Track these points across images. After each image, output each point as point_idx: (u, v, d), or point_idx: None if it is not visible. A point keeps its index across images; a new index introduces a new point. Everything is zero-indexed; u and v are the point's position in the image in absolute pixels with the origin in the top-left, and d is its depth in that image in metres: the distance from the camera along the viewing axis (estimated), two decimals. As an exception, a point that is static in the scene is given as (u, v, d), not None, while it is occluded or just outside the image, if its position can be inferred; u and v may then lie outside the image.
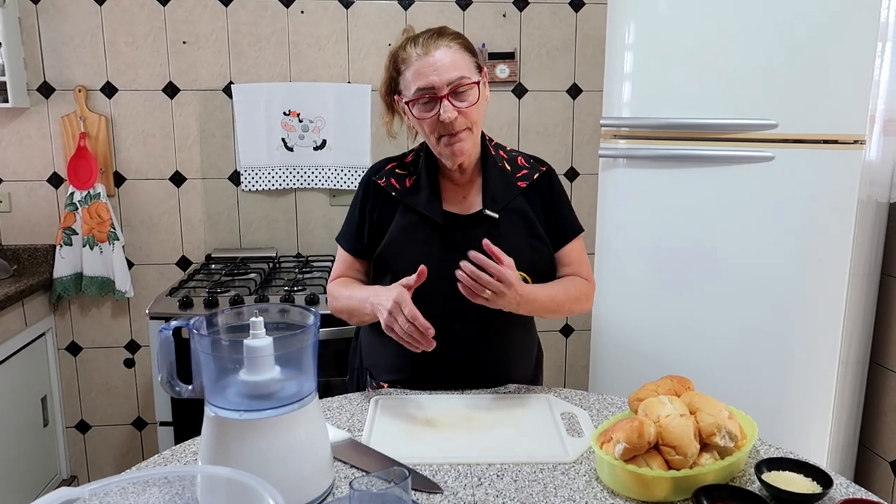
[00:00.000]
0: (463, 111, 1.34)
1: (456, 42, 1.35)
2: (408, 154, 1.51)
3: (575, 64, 2.66)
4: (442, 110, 1.32)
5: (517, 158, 1.51)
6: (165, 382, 1.02)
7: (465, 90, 1.34)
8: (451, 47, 1.34)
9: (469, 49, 1.38)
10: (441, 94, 1.32)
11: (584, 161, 2.73)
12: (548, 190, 1.49)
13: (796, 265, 1.83)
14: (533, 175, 1.48)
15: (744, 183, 1.84)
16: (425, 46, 1.33)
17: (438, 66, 1.32)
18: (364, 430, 1.23)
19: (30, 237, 2.59)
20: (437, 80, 1.31)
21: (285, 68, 2.57)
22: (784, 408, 1.89)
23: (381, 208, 1.46)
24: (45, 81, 2.49)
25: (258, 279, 2.32)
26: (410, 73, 1.34)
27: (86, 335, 2.68)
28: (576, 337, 2.87)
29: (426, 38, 1.35)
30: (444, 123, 1.33)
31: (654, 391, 1.12)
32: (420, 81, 1.33)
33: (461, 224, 1.43)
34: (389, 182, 1.45)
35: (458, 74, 1.32)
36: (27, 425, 2.46)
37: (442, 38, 1.34)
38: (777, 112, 1.78)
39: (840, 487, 1.03)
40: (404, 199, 1.43)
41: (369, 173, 1.50)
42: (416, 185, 1.44)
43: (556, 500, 1.00)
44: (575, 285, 1.46)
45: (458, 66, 1.33)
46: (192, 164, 2.60)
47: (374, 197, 1.47)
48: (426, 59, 1.32)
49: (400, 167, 1.48)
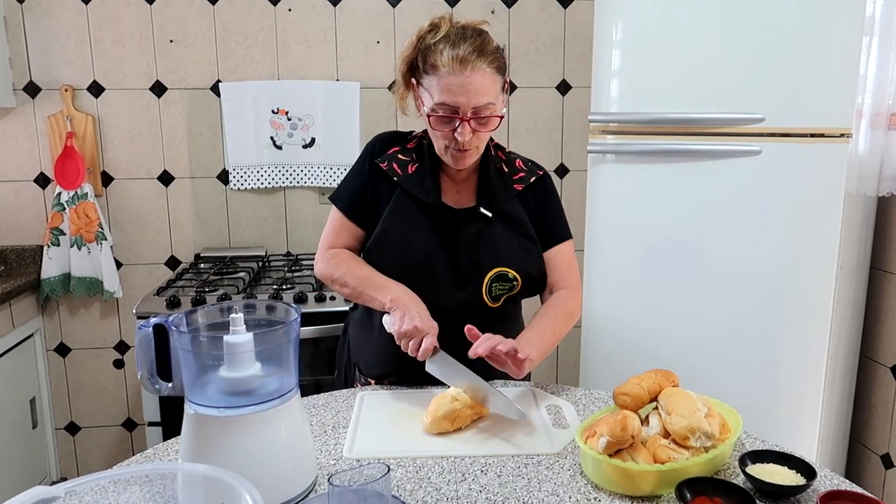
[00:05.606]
0: (478, 134, 1.32)
1: (492, 66, 1.29)
2: (411, 139, 1.49)
3: (564, 60, 2.66)
4: (460, 131, 1.30)
5: (515, 161, 1.51)
6: (146, 379, 1.01)
7: (487, 115, 1.31)
8: (486, 72, 1.28)
9: (501, 70, 1.33)
10: (464, 116, 1.29)
11: (574, 158, 2.73)
12: (541, 193, 1.48)
13: (784, 259, 1.83)
14: (529, 178, 1.47)
15: (731, 177, 1.84)
16: (462, 64, 1.26)
17: (469, 89, 1.27)
18: (349, 426, 1.22)
19: (17, 238, 2.57)
20: (465, 102, 1.27)
21: (273, 66, 2.56)
22: (773, 401, 1.89)
23: (379, 181, 1.45)
24: (31, 81, 2.48)
25: (247, 278, 2.31)
26: (438, 82, 1.29)
27: (74, 336, 2.66)
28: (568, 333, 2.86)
29: (466, 52, 1.27)
30: (457, 140, 1.31)
31: (639, 385, 1.12)
32: (446, 97, 1.28)
33: (454, 217, 1.42)
34: (391, 167, 1.44)
35: (486, 101, 1.28)
36: (16, 427, 2.44)
37: (481, 59, 1.27)
38: (764, 106, 1.78)
39: (825, 479, 1.03)
40: (405, 186, 1.42)
41: (375, 144, 1.47)
42: (418, 174, 1.43)
43: (541, 494, 1.00)
44: (564, 310, 1.42)
45: (488, 93, 1.29)
46: (180, 164, 2.59)
47: (374, 172, 1.45)
48: (459, 77, 1.26)
49: (403, 152, 1.46)
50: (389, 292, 1.33)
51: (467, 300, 1.40)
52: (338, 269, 1.42)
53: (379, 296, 1.34)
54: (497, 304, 1.43)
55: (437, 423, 1.17)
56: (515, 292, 1.44)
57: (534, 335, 1.35)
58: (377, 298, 1.35)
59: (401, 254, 1.40)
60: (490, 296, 1.41)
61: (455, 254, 1.40)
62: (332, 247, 1.48)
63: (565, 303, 1.44)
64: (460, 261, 1.40)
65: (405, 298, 1.31)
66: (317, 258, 1.49)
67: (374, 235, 1.42)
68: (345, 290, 1.43)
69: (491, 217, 1.41)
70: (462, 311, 1.40)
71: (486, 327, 1.42)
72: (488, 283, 1.40)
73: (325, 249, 1.48)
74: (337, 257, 1.45)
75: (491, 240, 1.41)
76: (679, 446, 1.03)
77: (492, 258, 1.40)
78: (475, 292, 1.40)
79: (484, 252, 1.40)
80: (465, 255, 1.40)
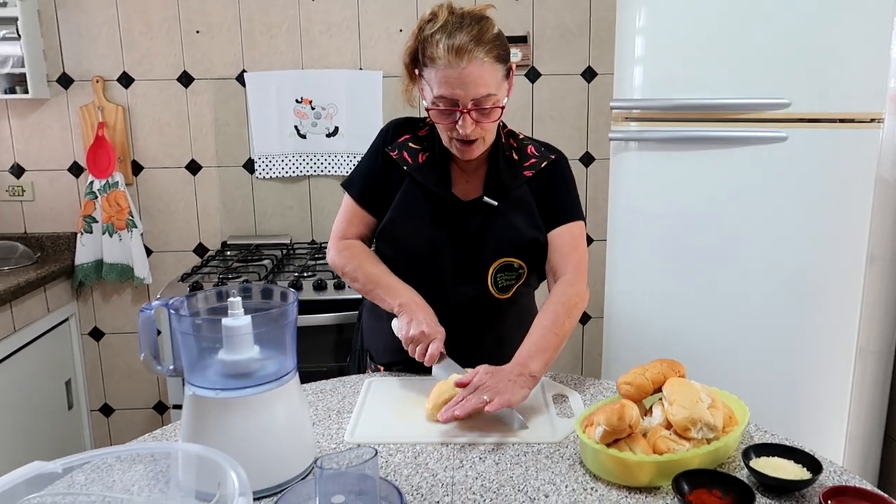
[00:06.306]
0: (481, 124, 1.30)
1: (491, 55, 1.25)
2: (423, 125, 1.47)
3: (589, 46, 2.61)
4: (460, 124, 1.27)
5: (528, 147, 1.46)
6: (149, 361, 1.03)
7: (489, 107, 1.28)
8: (484, 62, 1.24)
9: (502, 57, 1.29)
10: (464, 108, 1.26)
11: (599, 146, 2.69)
12: (553, 177, 1.44)
13: (811, 249, 1.77)
14: (541, 164, 1.43)
15: (756, 164, 1.79)
16: (458, 55, 1.22)
17: (467, 81, 1.24)
18: (353, 411, 1.23)
19: (52, 225, 2.66)
20: (463, 94, 1.25)
21: (297, 56, 2.58)
22: (797, 397, 1.83)
23: (391, 169, 1.44)
24: (65, 72, 2.55)
25: (270, 265, 2.34)
26: (435, 74, 1.26)
27: (108, 321, 2.74)
28: (592, 324, 2.83)
29: (462, 42, 1.22)
30: (460, 132, 1.29)
31: (642, 374, 1.10)
32: (444, 90, 1.26)
33: (461, 209, 1.41)
34: (402, 156, 1.43)
35: (485, 92, 1.25)
36: (53, 408, 2.53)
37: (478, 50, 1.23)
38: (790, 90, 1.72)
39: (832, 475, 0.99)
40: (415, 175, 1.41)
41: (389, 130, 1.46)
42: (429, 163, 1.41)
43: (537, 483, 0.99)
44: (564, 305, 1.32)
45: (488, 84, 1.25)
46: (207, 153, 2.63)
47: (386, 159, 1.45)
48: (455, 70, 1.23)
49: (414, 140, 1.45)
50: (399, 296, 1.33)
51: (474, 294, 1.39)
52: (349, 264, 1.43)
53: (388, 298, 1.34)
54: (507, 296, 1.41)
55: (438, 410, 1.16)
56: (523, 281, 1.42)
57: (534, 346, 1.26)
58: (386, 300, 1.35)
59: (407, 244, 1.39)
60: (497, 287, 1.39)
61: (460, 246, 1.39)
62: (344, 235, 1.48)
63: (563, 296, 1.34)
64: (465, 252, 1.38)
65: (413, 304, 1.31)
66: (329, 246, 1.49)
67: (382, 223, 1.42)
68: (355, 284, 1.43)
69: (497, 206, 1.38)
70: (470, 305, 1.39)
71: (497, 321, 1.41)
72: (493, 275, 1.38)
73: (337, 238, 1.49)
74: (349, 249, 1.45)
75: (494, 230, 1.38)
76: (680, 437, 1.00)
77: (495, 249, 1.38)
78: (481, 285, 1.39)
79: (487, 243, 1.38)
80: (469, 247, 1.38)
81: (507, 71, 1.31)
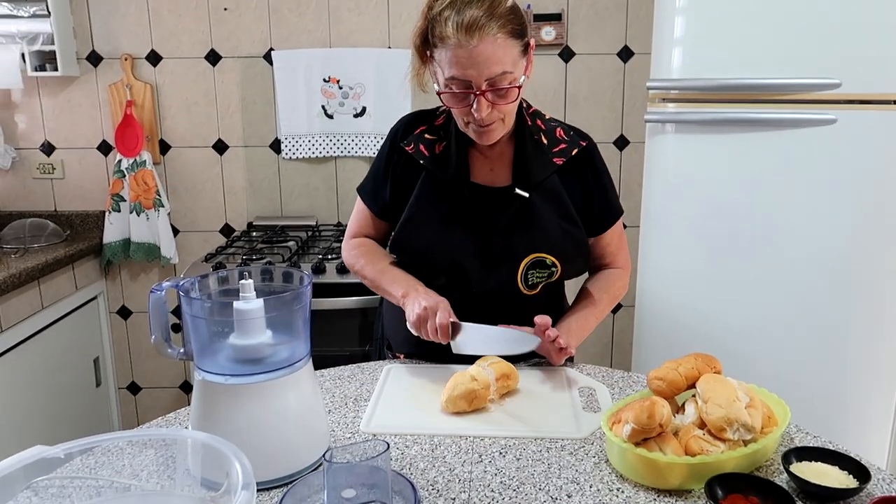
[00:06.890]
0: (498, 106, 1.22)
1: (504, 31, 1.16)
2: (438, 115, 1.40)
3: (626, 25, 2.51)
4: (475, 107, 1.20)
5: (556, 130, 1.37)
6: (160, 343, 1.00)
7: (505, 85, 1.20)
8: (497, 38, 1.15)
9: (518, 32, 1.19)
10: (478, 90, 1.18)
11: (635, 128, 2.59)
12: (587, 169, 1.36)
13: (859, 238, 1.68)
14: (571, 151, 1.35)
15: (802, 148, 1.70)
16: (468, 32, 1.14)
17: (479, 60, 1.15)
18: (371, 399, 1.19)
19: (81, 203, 2.67)
20: (476, 74, 1.16)
21: (325, 34, 2.53)
22: (843, 395, 1.75)
23: (404, 170, 1.38)
24: (94, 50, 2.54)
25: (294, 247, 2.32)
26: (445, 54, 1.18)
27: (135, 300, 2.75)
28: (624, 313, 2.76)
29: (472, 18, 1.14)
30: (475, 116, 1.22)
31: (675, 369, 1.03)
32: (455, 70, 1.17)
33: (487, 199, 1.33)
34: (418, 149, 1.36)
35: (500, 70, 1.17)
36: (80, 385, 2.55)
37: (490, 25, 1.14)
38: (840, 70, 1.63)
39: (881, 482, 0.92)
40: (431, 168, 1.35)
41: (399, 128, 1.40)
42: (445, 153, 1.34)
43: (559, 481, 0.94)
44: (610, 294, 1.42)
45: (502, 61, 1.16)
46: (234, 132, 2.61)
47: (399, 156, 1.39)
48: (466, 49, 1.15)
49: (430, 131, 1.38)
50: (401, 287, 1.30)
51: (500, 288, 1.32)
52: (358, 261, 1.43)
53: (392, 290, 1.33)
54: (535, 292, 1.35)
55: (452, 402, 1.12)
56: (555, 279, 1.35)
57: (576, 324, 1.34)
58: (391, 293, 1.33)
59: (427, 242, 1.33)
60: (526, 284, 1.32)
61: (487, 239, 1.31)
62: (355, 235, 1.48)
63: (612, 285, 1.43)
64: (492, 246, 1.31)
65: (413, 291, 1.28)
66: (343, 244, 1.49)
67: (399, 224, 1.36)
68: (365, 281, 1.43)
69: (528, 197, 1.31)
70: (494, 298, 1.33)
71: (522, 316, 1.33)
72: (524, 271, 1.31)
73: (349, 237, 1.49)
74: (358, 248, 1.44)
75: (527, 223, 1.31)
76: (715, 438, 0.94)
77: (528, 244, 1.30)
78: (509, 280, 1.31)
79: (519, 237, 1.30)
80: (498, 240, 1.31)
81: (524, 47, 1.22)
